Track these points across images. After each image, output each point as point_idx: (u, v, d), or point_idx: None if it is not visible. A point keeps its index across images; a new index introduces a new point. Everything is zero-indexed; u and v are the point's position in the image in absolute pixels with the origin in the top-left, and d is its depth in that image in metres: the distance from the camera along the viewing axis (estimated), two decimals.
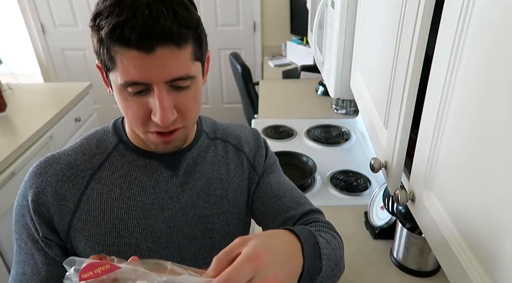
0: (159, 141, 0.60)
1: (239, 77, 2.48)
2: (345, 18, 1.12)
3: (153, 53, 0.51)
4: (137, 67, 0.52)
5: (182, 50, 0.54)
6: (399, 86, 0.61)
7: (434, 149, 0.49)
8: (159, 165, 0.68)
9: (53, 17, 3.09)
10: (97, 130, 0.72)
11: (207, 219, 0.71)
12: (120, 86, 0.55)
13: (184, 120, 0.60)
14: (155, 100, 0.55)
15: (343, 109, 2.05)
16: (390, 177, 0.66)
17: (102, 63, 0.56)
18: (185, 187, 0.69)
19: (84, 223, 0.63)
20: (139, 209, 0.65)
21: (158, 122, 0.56)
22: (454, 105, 0.44)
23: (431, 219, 0.50)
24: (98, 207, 0.64)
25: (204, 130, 0.76)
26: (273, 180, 0.79)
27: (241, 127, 0.82)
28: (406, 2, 0.59)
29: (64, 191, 0.63)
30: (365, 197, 1.38)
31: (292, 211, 0.73)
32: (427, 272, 1.06)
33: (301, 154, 1.57)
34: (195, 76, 0.58)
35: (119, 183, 0.66)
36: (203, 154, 0.73)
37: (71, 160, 0.65)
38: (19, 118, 1.96)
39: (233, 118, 3.44)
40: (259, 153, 0.79)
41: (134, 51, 0.51)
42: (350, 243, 1.19)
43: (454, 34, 0.43)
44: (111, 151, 0.68)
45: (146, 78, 0.53)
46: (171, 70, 0.54)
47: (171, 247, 0.68)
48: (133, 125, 0.60)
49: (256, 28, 3.15)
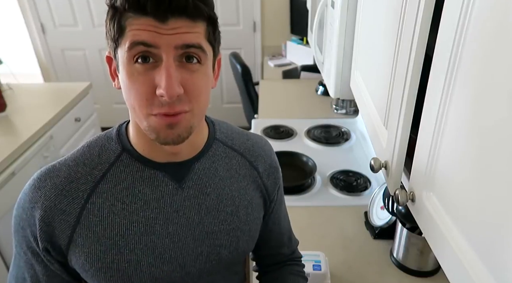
0: (162, 124, 0.55)
1: (239, 77, 2.48)
2: (345, 18, 1.12)
3: (166, 23, 0.51)
4: (148, 31, 0.51)
5: (195, 24, 0.53)
6: (399, 86, 0.61)
7: (434, 149, 0.49)
8: (165, 177, 0.64)
9: (53, 17, 3.09)
10: (100, 136, 0.68)
11: (215, 235, 0.67)
12: (127, 53, 0.53)
13: (190, 103, 0.56)
14: (161, 70, 0.52)
15: (343, 109, 2.05)
16: (390, 177, 0.66)
17: (111, 40, 0.55)
18: (193, 201, 0.66)
19: (84, 239, 0.61)
20: (141, 225, 0.62)
21: (163, 93, 0.52)
22: (454, 105, 0.44)
23: (431, 219, 0.50)
24: (99, 222, 0.61)
25: (218, 138, 0.71)
26: (282, 214, 0.84)
27: (260, 141, 0.78)
28: (406, 2, 0.59)
29: (64, 206, 0.60)
30: (365, 197, 1.38)
31: (285, 248, 0.86)
32: (427, 272, 1.06)
33: (301, 154, 1.57)
34: (206, 54, 0.56)
35: (121, 197, 0.62)
36: (215, 166, 0.69)
37: (71, 172, 0.62)
38: (19, 118, 1.96)
39: (233, 118, 3.44)
40: (273, 175, 0.77)
41: (147, 18, 0.51)
42: (350, 243, 1.19)
43: (454, 34, 0.43)
44: (114, 161, 0.64)
45: (155, 41, 0.52)
46: (184, 37, 0.53)
47: (174, 262, 0.65)
48: (136, 108, 0.56)
49: (256, 28, 3.15)
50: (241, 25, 3.15)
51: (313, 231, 1.25)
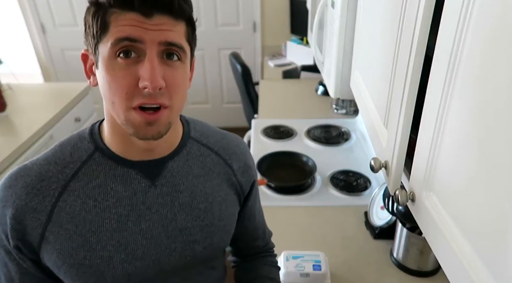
0: (141, 120, 0.56)
1: (239, 77, 2.48)
2: (345, 18, 1.12)
3: (151, 19, 0.54)
4: (133, 26, 0.53)
5: (177, 23, 0.56)
6: (399, 86, 0.61)
7: (434, 149, 0.49)
8: (137, 175, 0.65)
9: (53, 17, 3.09)
10: (73, 135, 0.68)
11: (189, 231, 0.68)
12: (110, 49, 0.54)
13: (170, 99, 0.58)
14: (145, 64, 0.54)
15: (343, 109, 2.05)
16: (390, 177, 0.66)
17: (92, 36, 0.57)
18: (166, 199, 0.67)
19: (56, 236, 0.61)
20: (113, 221, 0.63)
21: (147, 84, 0.54)
22: (454, 105, 0.44)
23: (431, 219, 0.50)
24: (71, 220, 0.62)
25: (192, 136, 0.73)
26: (257, 210, 0.86)
27: (236, 140, 0.79)
28: (406, 2, 0.59)
29: (35, 204, 0.61)
30: (365, 197, 1.38)
31: (259, 240, 0.89)
32: (427, 272, 1.06)
33: (301, 154, 1.57)
34: (186, 53, 0.59)
35: (93, 194, 0.63)
36: (189, 164, 0.70)
37: (42, 171, 0.63)
38: (19, 118, 1.96)
39: (233, 118, 3.44)
40: (247, 172, 0.78)
41: (133, 14, 0.53)
42: (350, 243, 1.19)
43: (454, 34, 0.43)
44: (86, 160, 0.64)
45: (140, 35, 0.54)
46: (167, 34, 0.55)
47: (147, 258, 0.65)
48: (115, 102, 0.57)
49: (256, 28, 3.15)
50: (241, 25, 3.15)
51: (313, 231, 1.25)
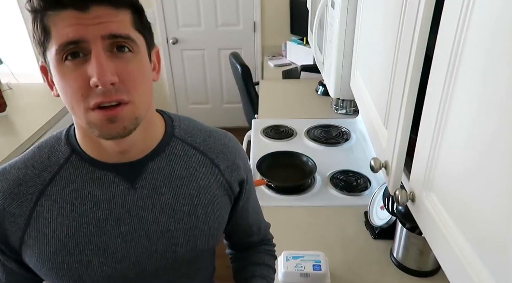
0: (102, 118, 0.54)
1: (239, 77, 2.48)
2: (345, 18, 1.12)
3: (88, 12, 0.51)
4: (72, 25, 0.51)
5: (119, 11, 0.53)
6: (399, 86, 0.61)
7: (434, 149, 0.49)
8: (115, 177, 0.63)
9: None
10: (51, 137, 0.67)
11: (171, 234, 0.67)
12: (56, 56, 0.53)
13: (128, 93, 0.55)
14: (92, 60, 0.52)
15: (343, 109, 2.06)
16: (390, 177, 0.66)
17: (38, 44, 0.55)
18: (147, 201, 0.65)
19: (34, 240, 0.61)
20: (91, 226, 0.62)
21: (96, 81, 0.51)
22: (454, 105, 0.44)
23: (431, 219, 0.50)
24: (48, 224, 0.61)
25: (176, 135, 0.70)
26: (250, 208, 0.83)
27: (224, 138, 0.75)
28: (406, 2, 0.59)
29: (13, 209, 0.60)
30: (365, 197, 1.38)
31: (254, 236, 0.88)
32: (427, 272, 1.06)
33: (301, 154, 1.57)
34: (137, 43, 0.56)
35: (70, 199, 0.62)
36: (172, 165, 0.68)
37: (20, 175, 0.62)
38: (19, 118, 1.96)
39: (233, 118, 3.45)
40: (236, 171, 0.75)
41: (68, 11, 0.51)
42: (350, 243, 1.19)
43: (454, 34, 0.43)
44: (63, 164, 0.63)
45: (81, 34, 0.51)
46: (109, 26, 0.52)
47: (127, 261, 0.65)
48: (74, 106, 0.55)
49: (256, 28, 3.15)
50: (241, 25, 3.15)
51: (313, 231, 1.25)
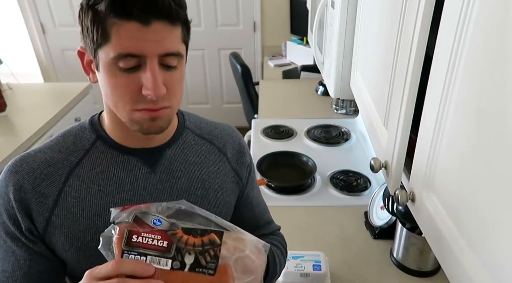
0: (146, 117, 0.60)
1: (239, 77, 2.48)
2: (345, 18, 1.12)
3: (149, 26, 0.54)
4: (134, 39, 0.54)
5: (174, 28, 0.57)
6: (399, 86, 0.61)
7: (434, 149, 0.49)
8: (138, 162, 0.68)
9: (53, 17, 3.09)
10: (73, 127, 0.72)
11: None
12: (112, 60, 0.56)
13: (170, 100, 0.61)
14: (147, 74, 0.56)
15: (343, 109, 2.06)
16: (390, 177, 0.66)
17: (91, 41, 0.57)
18: (165, 185, 0.70)
19: (63, 220, 0.64)
20: (117, 206, 0.65)
21: (151, 93, 0.56)
22: (454, 105, 0.44)
23: (431, 219, 0.50)
24: (77, 204, 0.64)
25: (188, 127, 0.76)
26: (255, 198, 0.86)
27: (228, 129, 0.82)
28: (406, 2, 0.59)
29: (43, 189, 0.63)
30: (365, 197, 1.38)
31: (262, 230, 0.88)
32: (427, 272, 1.06)
33: (301, 154, 1.57)
34: (183, 56, 0.62)
35: (97, 180, 0.66)
36: (186, 152, 0.73)
37: (47, 157, 0.65)
38: (19, 118, 1.96)
39: (233, 118, 3.44)
40: (241, 159, 0.80)
41: (132, 23, 0.54)
42: (350, 243, 1.19)
43: (454, 34, 0.43)
44: (89, 148, 0.68)
45: (141, 50, 0.55)
46: (165, 44, 0.57)
47: None
48: (119, 104, 0.60)
49: (256, 28, 3.15)
50: (241, 25, 3.15)
51: (313, 231, 1.25)
